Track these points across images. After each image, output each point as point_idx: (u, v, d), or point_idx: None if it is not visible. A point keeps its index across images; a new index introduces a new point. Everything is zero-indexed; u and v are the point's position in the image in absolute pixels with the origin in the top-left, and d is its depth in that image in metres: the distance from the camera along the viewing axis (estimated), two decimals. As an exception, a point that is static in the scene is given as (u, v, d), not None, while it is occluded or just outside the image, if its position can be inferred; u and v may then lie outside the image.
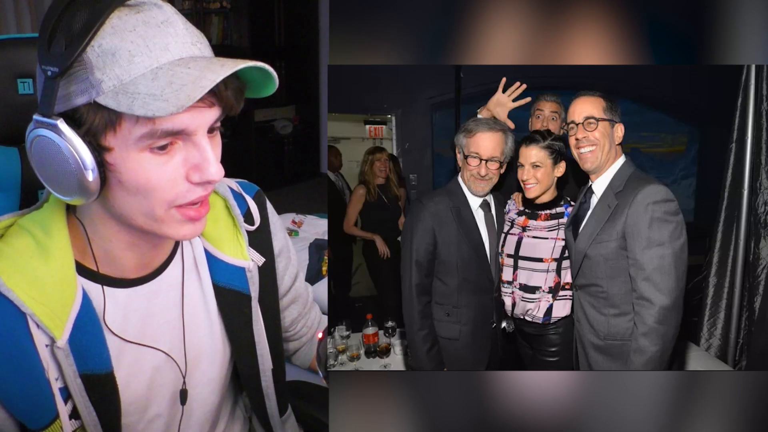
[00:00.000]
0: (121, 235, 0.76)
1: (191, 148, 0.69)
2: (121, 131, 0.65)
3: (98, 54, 0.63)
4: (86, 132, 0.65)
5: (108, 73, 0.63)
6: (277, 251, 0.98)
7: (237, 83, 0.69)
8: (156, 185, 0.68)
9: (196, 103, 0.64)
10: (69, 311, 0.73)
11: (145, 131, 0.64)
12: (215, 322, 0.90)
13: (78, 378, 0.75)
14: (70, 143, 0.64)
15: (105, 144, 0.66)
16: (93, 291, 0.77)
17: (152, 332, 0.83)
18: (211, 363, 0.91)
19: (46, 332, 0.72)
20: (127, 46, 0.63)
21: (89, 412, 0.77)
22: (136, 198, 0.69)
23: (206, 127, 0.69)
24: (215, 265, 0.89)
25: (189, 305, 0.88)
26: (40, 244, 0.73)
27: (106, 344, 0.77)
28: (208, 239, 0.89)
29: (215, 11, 5.33)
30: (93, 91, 0.63)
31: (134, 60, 0.63)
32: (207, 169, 0.69)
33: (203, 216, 0.74)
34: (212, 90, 0.64)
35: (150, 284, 0.83)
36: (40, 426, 0.75)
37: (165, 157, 0.68)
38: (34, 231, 0.74)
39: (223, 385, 0.96)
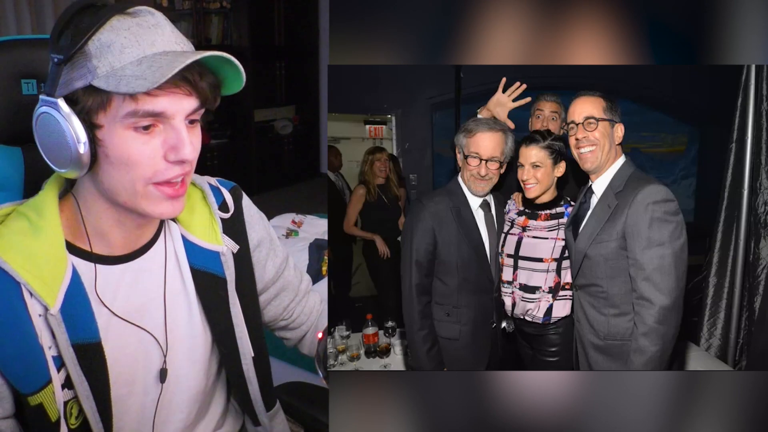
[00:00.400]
0: (109, 212, 0.85)
1: (170, 131, 0.79)
2: (110, 110, 0.76)
3: (97, 46, 0.75)
4: (81, 110, 0.76)
5: (103, 60, 0.75)
6: (257, 241, 1.05)
7: (212, 78, 0.81)
8: (137, 160, 0.78)
9: (174, 89, 0.76)
10: (60, 283, 0.82)
11: (130, 110, 0.75)
12: (194, 304, 0.97)
13: (70, 347, 0.82)
14: (68, 119, 0.76)
15: (97, 122, 0.77)
16: (83, 266, 0.86)
17: (137, 309, 0.90)
18: (192, 344, 0.97)
19: (39, 301, 0.80)
20: (121, 40, 0.76)
21: (81, 381, 0.83)
22: (119, 172, 0.79)
23: (184, 114, 0.80)
24: (191, 249, 0.96)
25: (170, 286, 0.94)
26: (33, 225, 0.82)
27: (94, 315, 0.84)
28: (185, 225, 0.97)
29: (215, 11, 5.32)
30: (90, 76, 0.75)
31: (125, 51, 0.75)
32: (181, 149, 0.79)
33: (180, 195, 0.84)
34: (189, 80, 0.77)
35: (135, 262, 0.91)
36: (32, 390, 0.81)
37: (147, 137, 0.78)
38: (29, 214, 0.84)
39: (208, 369, 1.01)
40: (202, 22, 5.20)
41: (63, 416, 0.83)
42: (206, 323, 0.98)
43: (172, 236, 0.96)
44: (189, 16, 5.16)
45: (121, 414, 0.90)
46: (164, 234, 0.95)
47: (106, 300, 0.87)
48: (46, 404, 0.82)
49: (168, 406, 0.97)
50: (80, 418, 0.86)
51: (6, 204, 0.87)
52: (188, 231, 0.96)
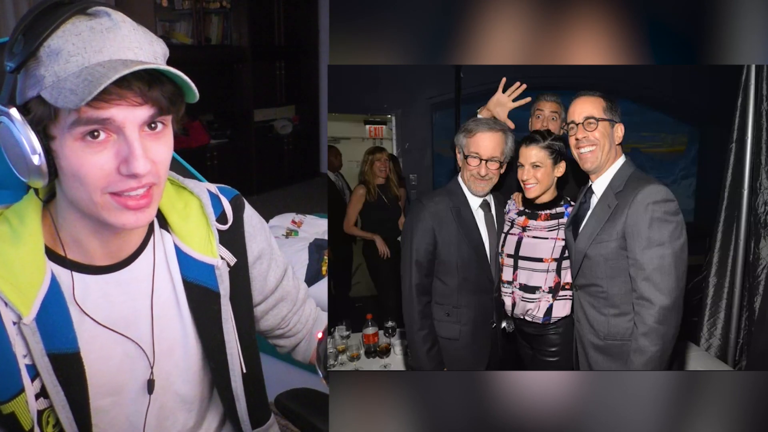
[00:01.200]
0: (83, 221, 0.82)
1: (122, 143, 0.75)
2: (59, 121, 0.73)
3: (47, 53, 0.72)
4: (32, 120, 0.74)
5: (49, 69, 0.72)
6: (257, 253, 1.02)
7: (169, 86, 0.76)
8: (87, 172, 0.74)
9: (118, 101, 0.72)
10: (36, 292, 0.80)
11: (74, 119, 0.72)
12: (186, 317, 0.94)
13: (45, 357, 0.80)
14: (21, 130, 0.73)
15: (50, 133, 0.75)
16: (62, 275, 0.83)
17: (122, 320, 0.88)
18: (185, 354, 0.95)
19: (13, 309, 0.78)
20: (68, 47, 0.72)
21: (57, 391, 0.81)
22: (74, 183, 0.76)
23: (137, 123, 0.75)
24: (184, 260, 0.93)
25: (159, 298, 0.91)
26: (14, 231, 0.81)
27: (72, 325, 0.82)
28: (179, 235, 0.93)
29: (215, 11, 5.33)
30: (39, 86, 0.72)
31: (71, 59, 0.72)
32: (132, 163, 0.74)
33: (144, 207, 0.79)
34: (139, 89, 0.73)
35: (119, 273, 0.88)
36: (4, 398, 0.79)
37: (98, 147, 0.74)
38: (12, 219, 0.82)
39: (202, 378, 0.99)
40: (201, 21, 5.20)
41: (37, 425, 0.81)
42: (197, 336, 0.95)
43: (164, 246, 0.93)
44: (189, 16, 5.16)
45: (104, 425, 0.89)
46: (153, 244, 0.92)
47: (88, 309, 0.84)
48: (18, 413, 0.80)
49: (160, 415, 0.95)
50: (57, 427, 0.84)
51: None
52: (182, 242, 0.93)
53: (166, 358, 0.93)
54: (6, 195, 0.94)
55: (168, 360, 0.93)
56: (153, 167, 0.77)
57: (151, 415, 0.94)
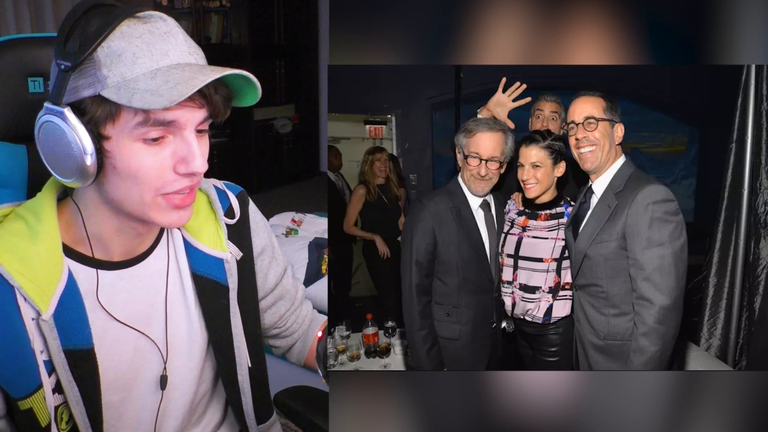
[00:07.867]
0: (111, 220, 0.84)
1: (180, 142, 0.77)
2: (119, 122, 0.74)
3: (107, 54, 0.72)
4: (88, 121, 0.73)
5: (113, 70, 0.72)
6: (260, 249, 1.03)
7: (226, 91, 0.79)
8: (146, 173, 0.76)
9: (187, 102, 0.74)
10: (54, 288, 0.80)
11: (140, 120, 0.73)
12: (193, 311, 0.95)
13: (62, 353, 0.81)
14: (74, 130, 0.73)
15: (104, 133, 0.75)
16: (81, 271, 0.84)
17: (136, 315, 0.89)
18: (190, 352, 0.95)
19: (32, 306, 0.79)
20: (132, 49, 0.73)
21: (72, 387, 0.82)
22: (126, 184, 0.77)
23: (195, 125, 0.78)
24: (194, 254, 0.94)
25: (171, 294, 0.93)
26: (31, 228, 0.81)
27: (88, 321, 0.83)
28: (188, 230, 0.95)
29: (215, 10, 5.32)
30: (99, 85, 0.72)
31: (137, 61, 0.73)
32: (192, 162, 0.77)
33: (188, 205, 0.82)
34: (203, 93, 0.74)
35: (133, 269, 0.89)
36: (22, 394, 0.80)
37: (156, 148, 0.76)
38: (27, 217, 0.82)
39: (200, 376, 0.99)
40: (201, 20, 5.20)
41: (54, 421, 0.82)
42: (204, 330, 0.96)
43: (174, 241, 0.94)
44: (188, 15, 5.16)
45: (114, 420, 0.89)
46: (166, 240, 0.93)
47: (106, 305, 0.85)
48: (36, 409, 0.81)
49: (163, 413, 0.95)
50: (70, 423, 0.85)
51: (5, 204, 0.86)
52: (193, 236, 0.94)
53: (177, 353, 0.94)
54: (6, 195, 0.94)
55: (177, 355, 0.94)
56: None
57: (162, 411, 0.94)
